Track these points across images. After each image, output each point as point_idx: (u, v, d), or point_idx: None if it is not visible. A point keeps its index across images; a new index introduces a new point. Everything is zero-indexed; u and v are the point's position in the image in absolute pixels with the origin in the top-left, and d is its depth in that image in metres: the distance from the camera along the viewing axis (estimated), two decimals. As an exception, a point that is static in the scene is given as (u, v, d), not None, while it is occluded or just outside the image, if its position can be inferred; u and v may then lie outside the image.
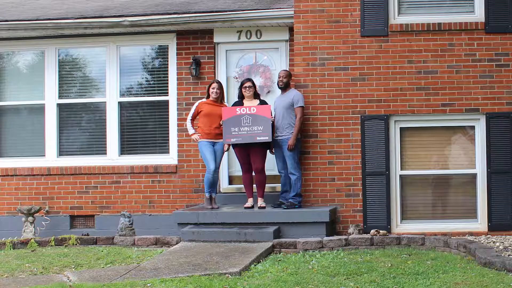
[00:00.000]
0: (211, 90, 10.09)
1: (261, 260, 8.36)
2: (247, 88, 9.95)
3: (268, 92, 11.20)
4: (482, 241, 9.07)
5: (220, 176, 10.99)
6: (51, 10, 12.12)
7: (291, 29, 10.90)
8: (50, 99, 11.66)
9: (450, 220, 10.17)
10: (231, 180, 11.46)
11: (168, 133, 11.53)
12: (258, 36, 11.27)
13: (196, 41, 11.39)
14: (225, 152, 10.39)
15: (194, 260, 8.24)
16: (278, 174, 10.28)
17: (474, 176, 10.17)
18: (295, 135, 9.67)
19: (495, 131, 10.02)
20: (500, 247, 8.50)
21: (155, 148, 11.66)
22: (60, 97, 11.68)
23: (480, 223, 10.06)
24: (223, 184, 11.41)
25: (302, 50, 10.34)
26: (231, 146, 10.15)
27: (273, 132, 9.86)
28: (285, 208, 9.76)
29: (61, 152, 11.69)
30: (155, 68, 11.91)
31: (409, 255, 8.48)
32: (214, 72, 11.37)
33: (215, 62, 11.43)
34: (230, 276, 7.43)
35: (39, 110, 11.76)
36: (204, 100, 10.27)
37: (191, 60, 11.24)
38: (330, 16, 10.29)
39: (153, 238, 9.69)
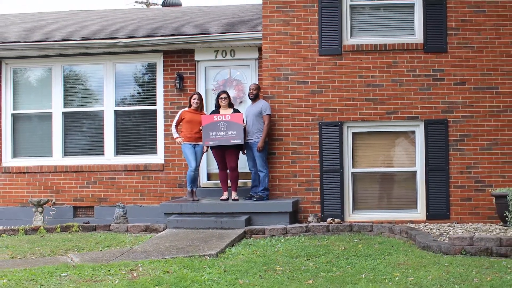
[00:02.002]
0: (192, 100, 10.64)
1: (234, 244, 8.79)
2: (223, 99, 10.50)
3: (241, 102, 11.66)
4: (421, 228, 9.57)
5: (200, 173, 11.43)
6: (57, 33, 12.58)
7: (260, 49, 11.39)
8: (57, 108, 12.17)
9: (394, 210, 10.77)
10: (209, 177, 11.90)
11: (156, 137, 11.98)
12: (232, 55, 11.74)
13: (180, 59, 11.86)
14: (204, 153, 10.89)
15: (178, 244, 8.64)
16: (249, 171, 10.82)
17: (414, 173, 10.79)
18: (263, 139, 10.23)
19: (432, 135, 10.64)
20: (436, 233, 9.08)
21: (145, 149, 12.11)
22: (65, 106, 12.17)
23: (420, 213, 10.67)
24: (203, 180, 11.84)
25: (269, 67, 10.90)
26: (209, 148, 10.65)
27: (244, 136, 10.38)
28: (255, 200, 10.31)
29: (66, 153, 12.17)
30: (145, 82, 12.30)
31: (360, 240, 8.97)
32: (195, 85, 11.86)
33: (195, 77, 11.90)
34: (208, 258, 7.87)
35: (47, 117, 12.21)
36: (186, 109, 10.81)
37: (176, 75, 11.72)
38: (293, 38, 10.85)
39: (143, 226, 10.19)
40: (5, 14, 16.32)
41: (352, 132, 10.94)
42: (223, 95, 10.56)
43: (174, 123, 10.78)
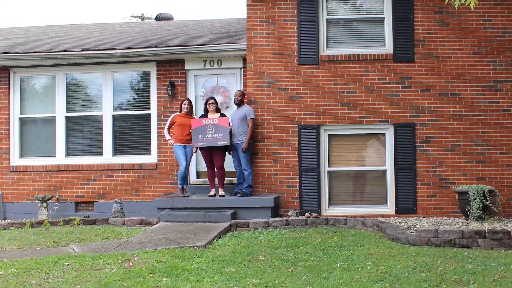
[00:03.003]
0: (183, 106, 10.90)
1: (221, 236, 8.99)
2: (211, 104, 10.79)
3: (227, 107, 11.92)
4: (391, 222, 9.80)
5: (190, 171, 11.71)
6: (60, 44, 12.84)
7: (244, 59, 11.66)
8: (60, 113, 12.42)
9: (366, 205, 11.04)
10: (198, 175, 12.12)
11: (150, 139, 12.24)
12: (219, 64, 11.99)
13: (172, 68, 12.14)
14: (194, 153, 11.12)
15: (170, 236, 8.79)
16: (234, 170, 11.07)
17: (384, 171, 11.03)
18: (248, 140, 10.48)
19: (400, 137, 10.91)
20: (405, 226, 9.36)
21: (140, 150, 12.35)
22: (67, 111, 12.43)
23: (389, 208, 10.91)
24: (192, 178, 12.05)
25: (253, 75, 11.16)
26: (198, 149, 10.90)
27: (230, 138, 10.63)
28: (240, 196, 10.54)
29: (68, 153, 12.42)
30: (140, 89, 12.48)
31: (335, 232, 9.16)
32: (185, 92, 12.13)
33: (186, 84, 12.15)
34: (197, 248, 8.03)
35: (51, 121, 12.50)
36: (177, 113, 11.04)
37: (168, 83, 11.99)
38: (274, 49, 11.15)
39: (138, 219, 10.39)
40: (13, 27, 16.56)
41: (328, 134, 11.15)
42: (211, 101, 10.84)
43: (166, 126, 11.03)
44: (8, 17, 47.80)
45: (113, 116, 12.43)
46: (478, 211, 9.67)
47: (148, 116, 12.32)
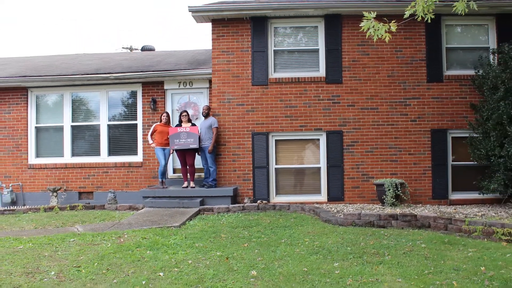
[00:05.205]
0: (162, 117, 11.43)
1: (192, 219, 9.33)
2: (184, 116, 11.27)
3: (196, 118, 12.41)
4: (324, 207, 10.18)
5: (167, 168, 12.17)
6: (67, 69, 13.41)
7: (210, 81, 12.14)
8: (67, 122, 12.85)
9: (305, 194, 11.51)
10: (174, 171, 12.58)
11: (137, 143, 12.64)
12: (191, 85, 12.42)
13: (154, 88, 12.60)
14: (171, 154, 11.60)
15: (152, 219, 9.15)
16: (202, 167, 11.56)
17: (319, 168, 11.55)
18: (213, 144, 11.05)
19: (331, 141, 11.47)
20: (335, 210, 9.83)
21: (129, 151, 12.69)
22: (72, 121, 12.86)
23: (323, 196, 11.43)
24: (170, 173, 12.54)
25: (217, 93, 11.62)
26: (174, 151, 11.29)
27: (199, 142, 11.12)
28: (206, 188, 11.07)
29: (73, 154, 12.84)
30: (129, 104, 12.78)
31: (280, 216, 9.54)
32: (164, 106, 12.56)
33: (164, 100, 12.57)
34: (174, 228, 8.34)
35: (60, 129, 12.90)
36: (158, 123, 11.54)
37: (150, 99, 12.48)
38: (233, 73, 11.66)
39: (128, 205, 10.79)
40: (29, 56, 16.71)
41: (275, 139, 11.61)
42: (184, 113, 11.30)
43: (149, 133, 11.49)
44: (20, 45, 49.38)
45: (108, 125, 12.72)
46: (392, 199, 10.24)
47: (135, 126, 12.59)
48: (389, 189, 10.31)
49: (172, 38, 51.21)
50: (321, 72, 11.66)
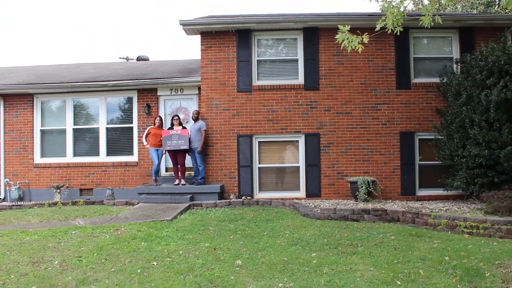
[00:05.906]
0: (156, 121, 11.76)
1: (183, 213, 9.54)
2: (175, 120, 11.62)
3: (187, 122, 12.55)
4: (302, 203, 10.43)
5: (160, 167, 12.44)
6: (68, 78, 13.58)
7: (199, 88, 12.41)
8: (69, 126, 13.07)
9: (285, 191, 11.87)
10: (167, 169, 12.79)
11: (133, 144, 12.85)
12: (182, 92, 12.66)
13: (148, 94, 12.81)
14: (164, 154, 11.88)
15: (147, 213, 9.39)
16: (192, 166, 11.89)
17: (298, 167, 11.91)
18: (202, 145, 11.39)
19: (309, 143, 11.82)
20: (312, 205, 10.16)
21: (126, 152, 12.91)
22: (74, 124, 13.08)
23: (302, 193, 11.78)
24: (162, 172, 12.77)
25: (205, 99, 11.96)
26: (167, 151, 11.59)
27: (189, 143, 11.46)
28: (196, 185, 11.35)
29: (75, 154, 13.09)
30: (126, 109, 12.99)
31: (263, 210, 9.82)
32: (158, 111, 12.78)
33: (158, 105, 12.79)
34: (166, 222, 8.57)
35: (63, 131, 13.12)
36: (152, 126, 11.86)
37: (145, 105, 12.73)
38: (220, 81, 11.98)
39: (124, 201, 11.08)
40: (34, 65, 16.96)
41: (258, 141, 11.96)
42: (176, 117, 11.68)
43: (144, 135, 11.82)
44: (22, 55, 49.59)
45: (107, 128, 12.98)
46: (364, 195, 10.61)
47: (131, 128, 12.88)
48: (362, 186, 10.73)
49: (164, 49, 51.94)
50: (300, 80, 12.08)
